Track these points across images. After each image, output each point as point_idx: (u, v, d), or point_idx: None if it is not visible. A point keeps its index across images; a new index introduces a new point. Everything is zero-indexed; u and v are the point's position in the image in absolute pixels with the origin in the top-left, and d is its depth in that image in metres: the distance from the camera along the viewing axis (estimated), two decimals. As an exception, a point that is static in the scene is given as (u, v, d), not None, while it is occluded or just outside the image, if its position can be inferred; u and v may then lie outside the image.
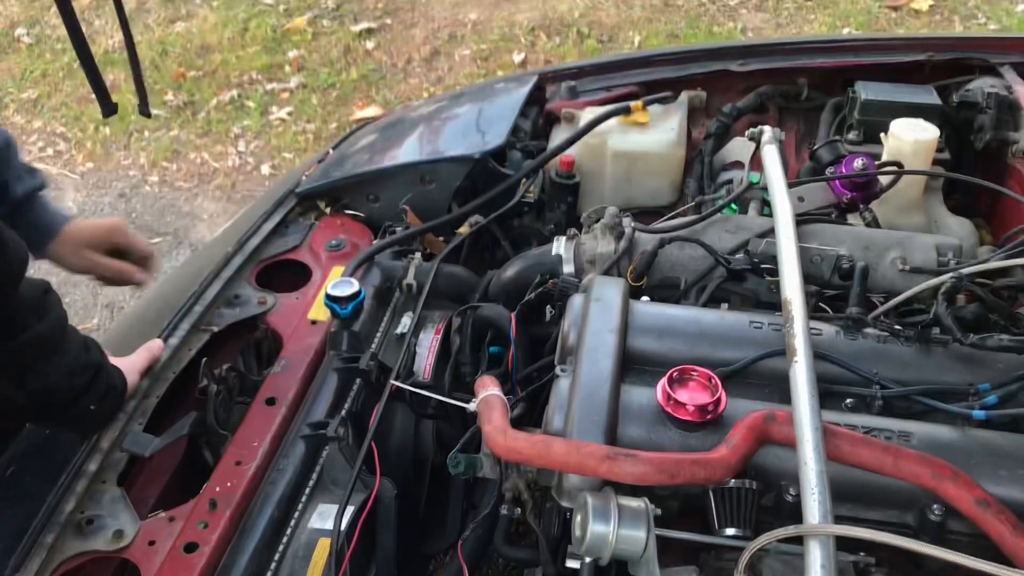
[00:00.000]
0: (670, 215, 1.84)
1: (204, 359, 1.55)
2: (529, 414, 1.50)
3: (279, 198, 2.03)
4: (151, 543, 1.28)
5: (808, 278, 1.48)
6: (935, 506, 1.11)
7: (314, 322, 1.69)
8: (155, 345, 1.57)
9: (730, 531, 1.11)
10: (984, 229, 2.01)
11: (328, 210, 2.03)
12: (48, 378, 1.27)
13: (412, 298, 1.77)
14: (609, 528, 1.03)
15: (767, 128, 1.78)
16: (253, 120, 4.64)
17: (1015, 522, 1.05)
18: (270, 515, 1.31)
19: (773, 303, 1.53)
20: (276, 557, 1.27)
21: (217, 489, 1.35)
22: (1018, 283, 1.50)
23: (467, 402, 1.33)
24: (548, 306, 1.70)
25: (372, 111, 4.64)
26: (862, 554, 1.10)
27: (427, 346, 1.70)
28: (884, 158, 1.89)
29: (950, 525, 1.12)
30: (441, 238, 1.98)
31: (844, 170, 1.76)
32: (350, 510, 1.30)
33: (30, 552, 1.25)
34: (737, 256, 1.57)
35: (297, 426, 1.46)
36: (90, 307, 3.55)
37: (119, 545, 1.28)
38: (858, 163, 1.73)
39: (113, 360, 1.45)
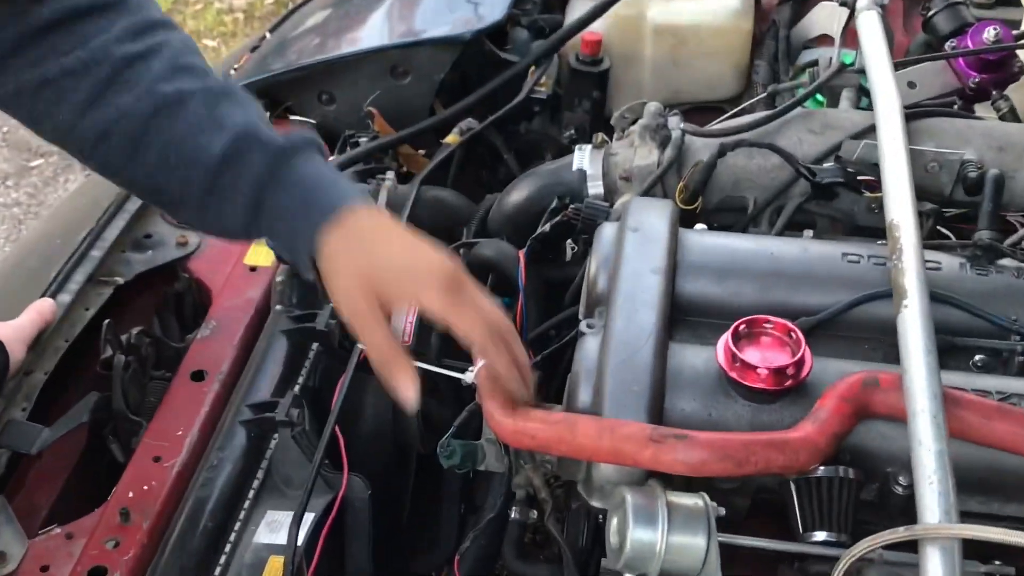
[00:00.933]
0: (733, 111, 1.83)
1: (107, 321, 1.56)
2: (546, 385, 1.50)
3: (200, 101, 2.01)
4: (44, 569, 1.30)
5: (922, 192, 1.46)
6: (1099, 497, 1.12)
7: (253, 268, 1.70)
8: (44, 306, 1.57)
9: (819, 535, 1.11)
10: None
11: (268, 115, 2.01)
12: None
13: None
14: (656, 535, 1.04)
15: (864, -12, 1.76)
16: (162, -4, 4.61)
17: None
18: (203, 527, 1.33)
19: (874, 228, 1.53)
20: (212, 583, 1.29)
21: (130, 495, 1.36)
22: None
23: (462, 371, 1.34)
24: (569, 241, 1.70)
25: (323, -20, 4.59)
26: (997, 563, 1.11)
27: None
28: (1025, 27, 1.86)
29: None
30: (422, 151, 1.97)
31: (970, 44, 1.74)
32: (309, 518, 1.31)
33: None
34: (825, 165, 1.56)
35: (235, 408, 1.47)
36: (-48, 256, 3.56)
37: (2, 572, 1.29)
38: (989, 33, 1.71)
39: None
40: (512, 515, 1.39)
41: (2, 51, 1.10)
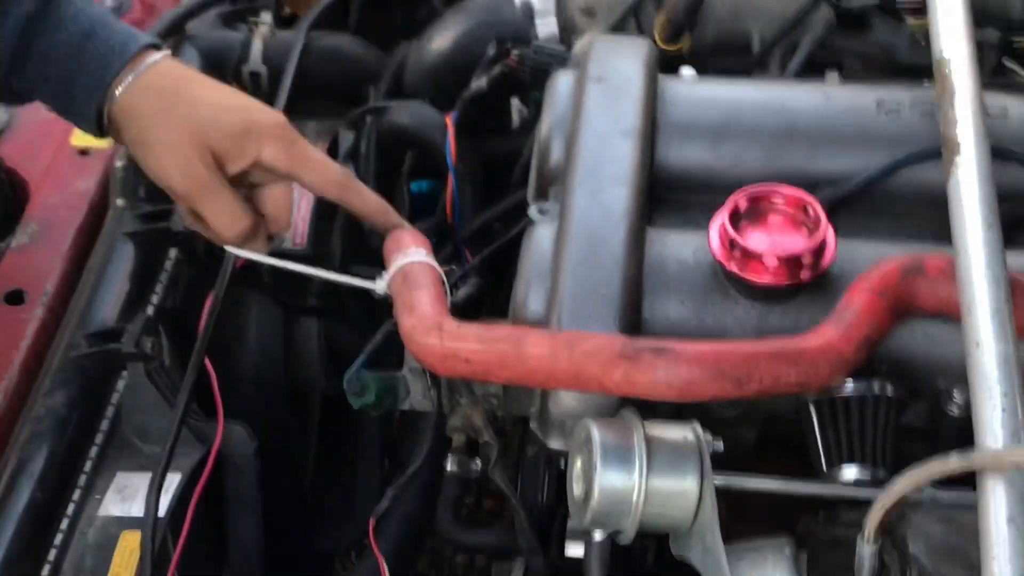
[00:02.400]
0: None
1: None
2: (483, 297, 1.51)
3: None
4: None
5: (983, 16, 1.47)
6: None
7: (84, 152, 1.69)
8: None
9: (849, 472, 1.13)
10: None
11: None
12: None
13: (263, 96, 1.75)
14: (633, 477, 1.05)
15: None
16: None
17: None
18: (29, 499, 1.34)
19: (918, 67, 1.54)
20: (43, 574, 1.30)
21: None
22: None
23: (372, 278, 1.34)
24: (515, 101, 1.70)
25: None
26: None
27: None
28: None
29: None
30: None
31: None
32: (174, 481, 1.32)
33: None
34: (854, -15, 1.56)
35: (67, 338, 1.48)
36: None
37: None
38: None
39: None
40: (447, 468, 1.40)
41: None
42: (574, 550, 1.23)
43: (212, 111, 1.31)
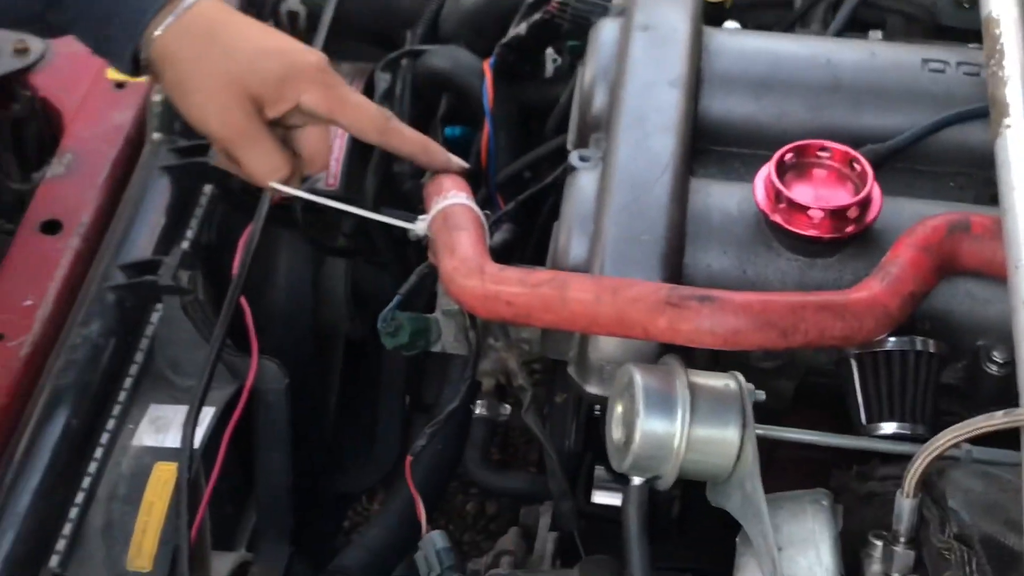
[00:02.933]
0: None
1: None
2: (521, 242, 1.51)
3: None
4: None
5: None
6: None
7: (120, 85, 1.68)
8: None
9: (888, 427, 1.13)
10: None
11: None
12: None
13: (300, 37, 1.75)
14: (675, 425, 1.05)
15: None
16: None
17: None
18: (64, 426, 1.34)
19: (964, 28, 1.54)
20: (78, 499, 1.30)
21: (-38, 384, 1.37)
22: None
23: (411, 220, 1.34)
24: (550, 50, 1.69)
25: None
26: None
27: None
28: None
29: None
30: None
31: None
32: (208, 413, 1.32)
33: None
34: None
35: (103, 270, 1.48)
36: None
37: None
38: None
39: None
40: (477, 411, 1.41)
41: None
42: (603, 497, 1.23)
43: (251, 56, 1.31)
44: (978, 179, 1.28)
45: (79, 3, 1.29)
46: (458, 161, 1.43)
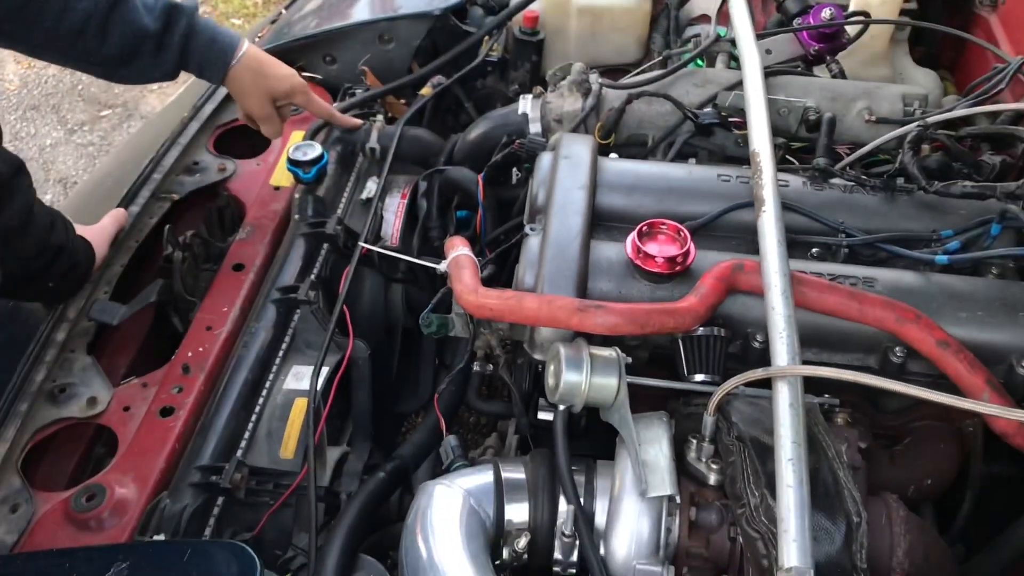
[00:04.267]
0: (636, 71, 1.81)
1: (167, 226, 1.53)
2: (498, 275, 1.50)
3: (233, 62, 1.96)
4: (126, 408, 1.29)
5: (775, 131, 1.47)
6: (897, 348, 1.15)
7: (277, 188, 1.67)
8: (119, 213, 1.55)
9: (699, 377, 1.13)
10: (948, 80, 2.01)
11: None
12: (4, 263, 1.24)
13: (376, 162, 1.74)
14: (582, 376, 1.05)
15: (735, -21, 1.73)
16: (198, -16, 4.44)
17: (972, 360, 1.09)
18: (244, 378, 1.32)
19: (740, 157, 1.54)
20: (253, 418, 1.29)
21: (189, 354, 1.36)
22: (981, 132, 1.51)
23: (437, 263, 1.33)
24: (514, 168, 1.68)
25: (324, -28, 4.45)
26: (826, 396, 1.14)
27: (393, 210, 1.69)
28: (851, 8, 1.86)
29: (910, 367, 1.15)
30: (402, 100, 1.93)
31: (812, 20, 1.73)
32: (325, 370, 1.31)
33: (4, 421, 1.26)
34: (705, 110, 1.55)
35: (267, 291, 1.46)
36: (42, 183, 3.46)
37: (94, 411, 1.29)
38: (825, 13, 1.71)
39: (83, 230, 1.43)
40: (474, 368, 1.40)
41: None
42: (543, 415, 1.22)
43: (275, 81, 1.50)
44: (748, 241, 1.28)
45: (195, 59, 1.40)
46: (354, 121, 1.73)
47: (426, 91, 1.88)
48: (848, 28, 1.76)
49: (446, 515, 1.06)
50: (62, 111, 3.79)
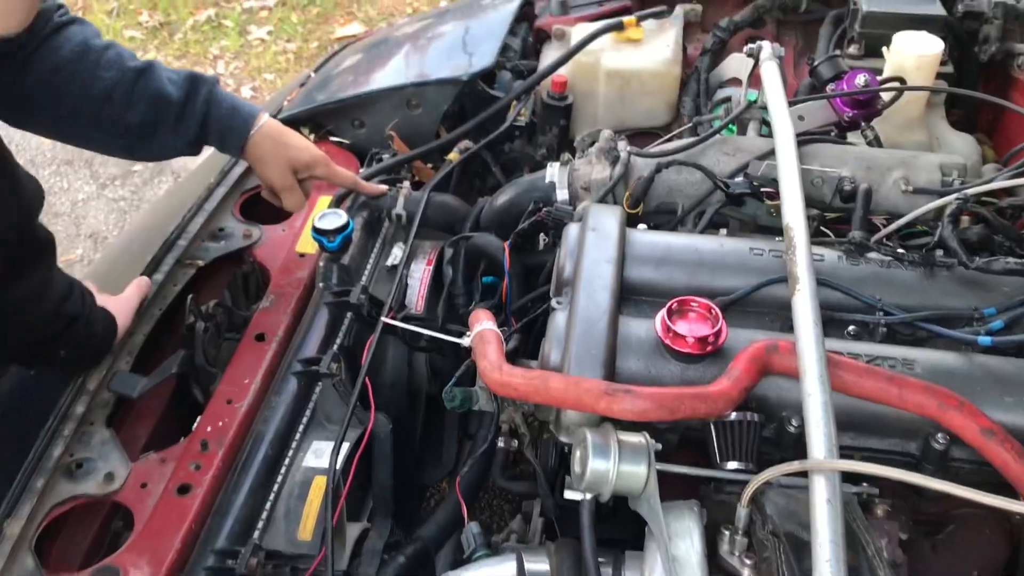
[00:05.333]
0: (666, 137, 1.80)
1: (190, 296, 1.52)
2: (524, 345, 1.48)
3: (261, 125, 1.97)
4: (143, 485, 1.27)
5: (809, 201, 1.43)
6: (939, 435, 1.10)
7: (302, 255, 1.65)
8: (143, 282, 1.54)
9: (732, 464, 1.09)
10: (987, 145, 1.97)
11: (312, 137, 1.97)
12: (12, 329, 1.24)
13: (402, 228, 1.73)
14: (609, 464, 1.02)
15: (766, 43, 1.72)
16: (231, 40, 4.52)
17: (1020, 449, 1.04)
18: (264, 454, 1.30)
19: (773, 227, 1.51)
20: (271, 497, 1.26)
21: (208, 429, 1.33)
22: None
23: (461, 336, 1.31)
24: (542, 234, 1.67)
25: (354, 28, 4.53)
26: (864, 484, 1.09)
27: (419, 278, 1.67)
28: (886, 73, 1.83)
29: (953, 453, 1.11)
30: (430, 165, 1.93)
31: (845, 87, 1.70)
32: (345, 447, 1.29)
33: (20, 497, 1.24)
34: (736, 179, 1.52)
35: (288, 362, 1.44)
36: (73, 237, 3.50)
37: (111, 488, 1.27)
38: (860, 79, 1.68)
39: (106, 300, 1.42)
40: (499, 444, 1.36)
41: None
42: (570, 495, 1.18)
43: (295, 151, 1.52)
44: (782, 318, 1.25)
45: (215, 129, 1.43)
46: (379, 188, 1.71)
47: (453, 156, 1.87)
48: (883, 95, 1.73)
49: (467, 609, 1.03)
50: (95, 166, 3.85)
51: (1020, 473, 1.03)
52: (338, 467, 1.25)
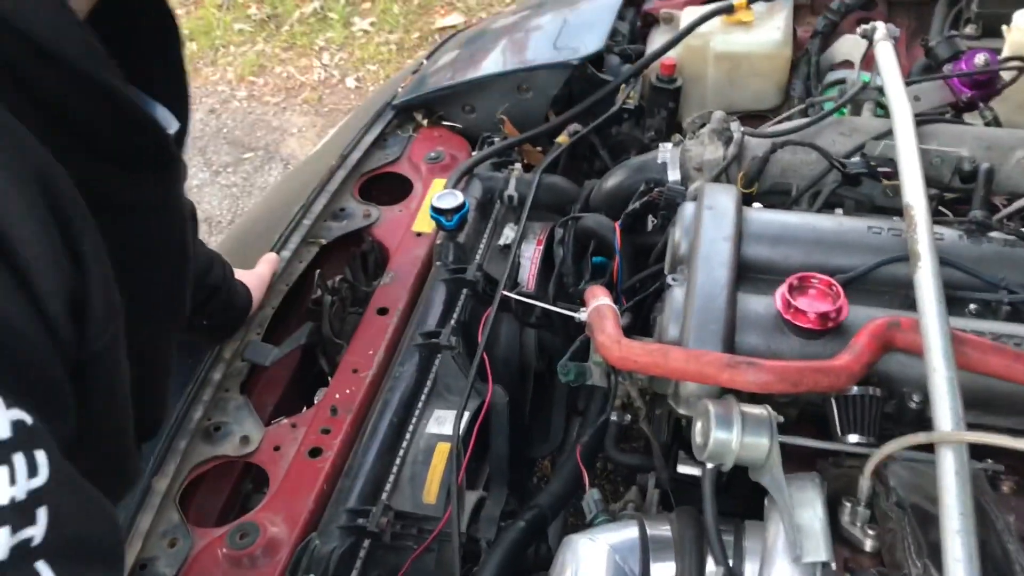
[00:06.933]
0: (777, 119, 1.78)
1: (318, 271, 1.59)
2: (634, 324, 1.49)
3: (377, 111, 2.03)
4: (276, 448, 1.34)
5: (928, 181, 1.41)
6: (1067, 413, 1.08)
7: (419, 234, 1.71)
8: (273, 258, 1.61)
9: (853, 438, 1.09)
10: (1112, 125, 1.90)
11: (425, 122, 2.02)
12: None
13: (513, 210, 1.76)
14: (732, 435, 1.03)
15: (880, 24, 1.69)
16: (336, 32, 4.63)
17: None
18: (389, 420, 1.35)
19: (889, 208, 1.49)
20: (397, 461, 1.31)
21: (336, 396, 1.39)
22: None
23: (575, 311, 1.34)
24: (650, 216, 1.68)
25: (455, 19, 4.58)
26: (989, 461, 1.08)
27: (530, 257, 1.70)
28: (1005, 52, 1.78)
29: (1082, 433, 1.09)
30: (539, 148, 1.96)
31: (964, 67, 1.67)
32: (466, 416, 1.33)
33: (165, 457, 1.32)
34: (852, 160, 1.51)
35: (410, 335, 1.49)
36: (189, 222, 3.63)
37: (246, 450, 1.34)
38: (980, 59, 1.65)
39: (242, 274, 1.49)
40: (612, 418, 1.39)
41: None
42: (685, 469, 1.21)
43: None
44: (903, 296, 1.23)
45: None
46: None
47: (563, 139, 1.89)
48: (1003, 74, 1.69)
49: (591, 571, 1.05)
50: (208, 153, 4.00)
51: None
52: (460, 433, 1.30)
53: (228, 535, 1.20)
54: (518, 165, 1.81)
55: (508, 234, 1.71)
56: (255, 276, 1.52)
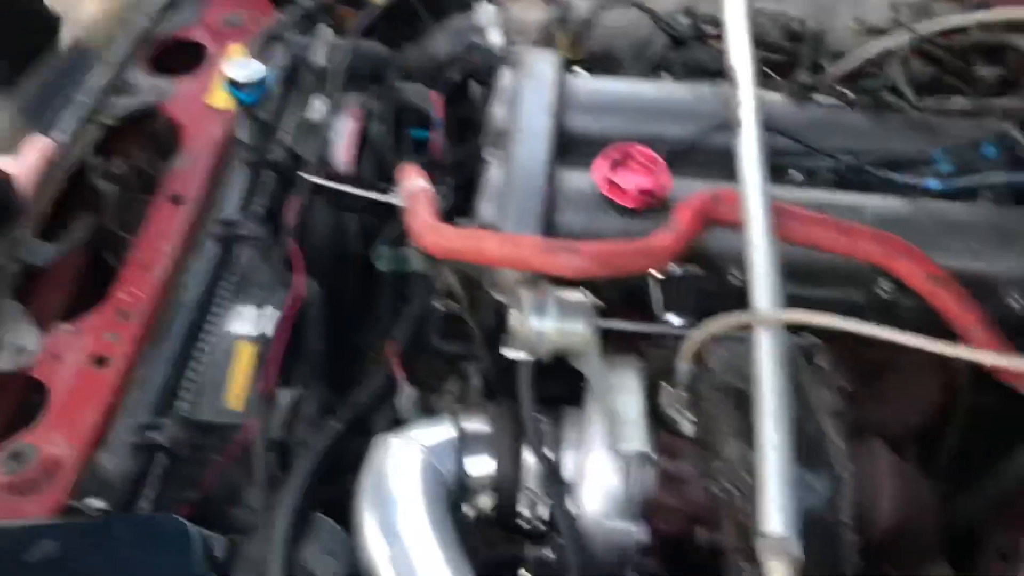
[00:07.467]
0: (605, -24, 1.69)
1: (98, 157, 1.41)
2: (461, 205, 1.41)
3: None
4: (56, 358, 1.20)
5: (755, 42, 1.36)
6: (883, 282, 1.08)
7: (217, 110, 1.54)
8: (43, 143, 1.42)
9: (673, 319, 1.06)
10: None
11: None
12: None
13: (323, 80, 1.62)
14: (547, 324, 0.98)
15: None
16: None
17: (964, 295, 1.03)
18: (184, 322, 1.24)
19: (716, 71, 1.44)
20: (193, 365, 1.20)
21: (124, 297, 1.26)
22: (979, 42, 1.41)
23: (389, 196, 1.24)
24: (471, 81, 1.57)
25: None
26: (805, 334, 1.07)
27: (343, 133, 1.57)
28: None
29: (899, 300, 1.09)
30: (353, 9, 1.80)
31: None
32: (269, 311, 1.23)
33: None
34: (680, 20, 1.44)
35: (207, 225, 1.36)
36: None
37: (21, 362, 1.20)
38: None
39: (4, 162, 1.31)
40: (435, 306, 1.32)
41: None
42: (509, 353, 1.15)
43: None
44: (727, 166, 1.18)
45: None
46: None
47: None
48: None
49: (403, 474, 1.00)
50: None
51: (964, 318, 1.02)
52: (267, 332, 1.20)
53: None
54: (328, 28, 1.66)
55: (318, 107, 1.57)
56: (20, 164, 1.34)
